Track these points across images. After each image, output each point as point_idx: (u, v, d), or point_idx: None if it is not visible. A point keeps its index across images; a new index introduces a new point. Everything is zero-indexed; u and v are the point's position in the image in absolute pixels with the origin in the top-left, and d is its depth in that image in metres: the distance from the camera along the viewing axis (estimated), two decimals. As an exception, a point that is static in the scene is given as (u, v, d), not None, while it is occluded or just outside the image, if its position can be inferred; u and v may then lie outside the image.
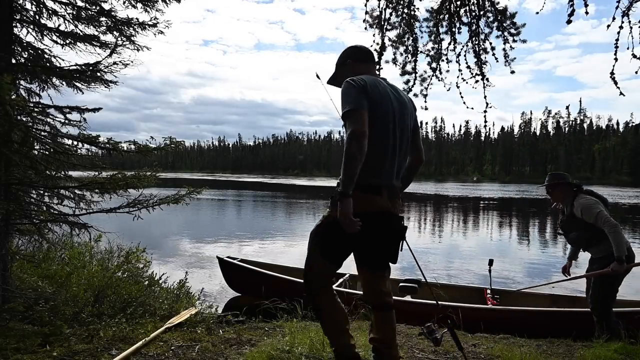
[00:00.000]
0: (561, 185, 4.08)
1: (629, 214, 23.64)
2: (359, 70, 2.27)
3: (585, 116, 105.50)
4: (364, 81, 2.10)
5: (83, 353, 2.71)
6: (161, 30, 4.19)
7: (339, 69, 2.40)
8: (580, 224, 3.89)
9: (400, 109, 2.19)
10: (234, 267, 6.20)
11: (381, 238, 2.16)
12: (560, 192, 4.08)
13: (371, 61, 2.39)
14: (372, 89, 2.09)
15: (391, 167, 2.17)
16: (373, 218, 2.08)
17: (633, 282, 8.48)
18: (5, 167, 3.48)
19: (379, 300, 2.23)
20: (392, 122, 2.14)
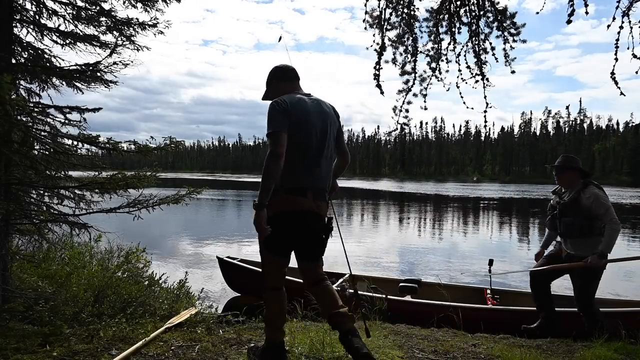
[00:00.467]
0: (573, 170, 4.02)
1: (630, 213, 23.64)
2: (283, 89, 2.60)
3: (585, 116, 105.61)
4: (286, 102, 2.42)
5: (83, 353, 2.71)
6: (161, 31, 4.19)
7: (268, 87, 2.73)
8: (582, 211, 3.85)
9: (322, 120, 2.51)
10: (234, 267, 6.20)
11: (306, 234, 2.49)
12: (570, 177, 4.02)
13: (294, 79, 2.66)
14: (294, 106, 2.42)
15: (316, 171, 2.47)
16: (298, 216, 2.42)
17: (633, 282, 8.49)
18: (5, 167, 3.48)
19: (311, 280, 2.59)
20: (315, 132, 2.46)
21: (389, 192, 42.23)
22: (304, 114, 2.45)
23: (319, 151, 2.49)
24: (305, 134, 2.43)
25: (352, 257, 9.99)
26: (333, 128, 2.60)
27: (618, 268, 9.85)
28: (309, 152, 2.46)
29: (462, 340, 3.55)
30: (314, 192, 2.46)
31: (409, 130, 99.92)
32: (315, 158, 2.48)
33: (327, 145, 2.54)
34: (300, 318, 3.56)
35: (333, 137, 2.60)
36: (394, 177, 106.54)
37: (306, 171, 2.45)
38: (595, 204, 3.78)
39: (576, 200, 3.90)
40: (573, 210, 3.92)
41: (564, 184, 4.10)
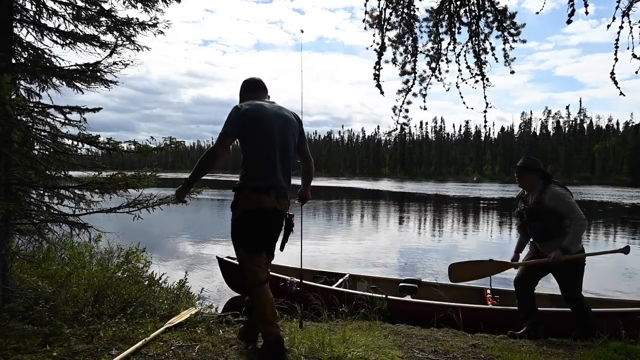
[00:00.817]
0: (534, 172, 4.00)
1: (630, 214, 23.64)
2: (249, 99, 2.81)
3: (585, 116, 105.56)
4: (246, 108, 2.64)
5: (83, 353, 2.71)
6: (161, 30, 4.19)
7: (239, 100, 2.94)
8: (548, 213, 3.83)
9: (282, 123, 2.70)
10: (234, 267, 6.19)
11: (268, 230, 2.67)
12: (531, 179, 4.00)
13: (258, 89, 2.90)
14: (254, 112, 2.63)
15: (277, 172, 2.65)
16: (261, 213, 2.60)
17: (633, 282, 8.49)
18: (5, 167, 3.48)
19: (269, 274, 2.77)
20: (275, 136, 2.65)
21: (388, 192, 42.24)
22: (264, 118, 2.64)
23: (280, 152, 2.67)
24: (266, 136, 2.63)
25: (352, 257, 10.03)
26: (294, 132, 2.78)
27: (618, 268, 9.86)
28: (270, 153, 2.64)
29: (462, 340, 3.55)
30: (276, 190, 2.63)
31: (409, 130, 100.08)
32: (276, 159, 2.65)
33: (288, 147, 2.72)
34: (300, 318, 3.56)
35: (294, 140, 2.78)
36: (394, 177, 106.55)
37: (269, 171, 2.63)
38: (559, 202, 3.78)
39: (540, 203, 3.88)
40: (539, 213, 3.90)
41: (525, 185, 4.07)
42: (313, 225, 16.33)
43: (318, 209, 23.53)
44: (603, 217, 21.55)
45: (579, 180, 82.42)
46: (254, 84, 2.92)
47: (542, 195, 3.88)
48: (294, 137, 2.78)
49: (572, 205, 3.76)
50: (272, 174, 2.64)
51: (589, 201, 32.52)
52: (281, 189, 2.67)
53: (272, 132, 2.65)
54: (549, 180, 3.95)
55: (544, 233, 3.91)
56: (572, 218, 3.74)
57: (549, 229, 3.86)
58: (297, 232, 2.89)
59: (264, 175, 2.62)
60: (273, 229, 2.72)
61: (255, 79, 2.95)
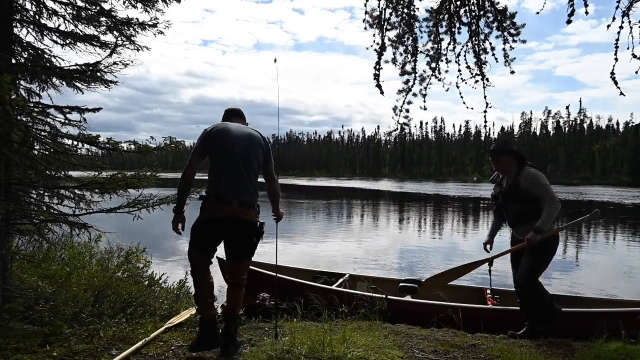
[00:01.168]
0: (508, 154, 3.93)
1: (630, 214, 23.64)
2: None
3: (585, 116, 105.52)
4: (211, 128, 2.96)
5: (83, 353, 2.71)
6: (161, 31, 4.19)
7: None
8: (524, 195, 3.76)
9: (246, 142, 2.95)
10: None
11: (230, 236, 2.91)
12: (505, 161, 3.93)
13: (232, 116, 3.20)
14: (218, 131, 2.94)
15: (240, 184, 2.88)
16: (223, 222, 2.85)
17: (633, 282, 8.49)
18: (5, 167, 3.48)
19: (231, 279, 3.00)
20: (238, 154, 2.89)
21: (388, 192, 42.23)
22: (226, 135, 2.93)
23: (243, 165, 2.91)
24: (229, 154, 2.89)
25: (352, 257, 10.03)
26: (257, 149, 3.01)
27: (618, 268, 9.87)
28: (232, 168, 2.89)
29: (462, 340, 3.55)
30: (239, 200, 2.86)
31: (409, 130, 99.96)
32: (240, 173, 2.90)
33: (250, 160, 2.95)
34: (300, 318, 3.56)
35: (256, 156, 3.00)
36: (394, 177, 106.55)
37: (231, 183, 2.87)
38: (534, 183, 3.72)
39: (515, 185, 3.81)
40: (514, 196, 3.83)
41: (500, 169, 4.00)
42: (313, 225, 16.33)
43: (318, 209, 23.53)
44: (603, 217, 21.55)
45: (579, 180, 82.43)
46: (229, 112, 3.24)
47: (518, 177, 3.81)
48: (256, 154, 2.99)
49: (546, 186, 3.71)
50: (234, 187, 2.87)
51: (589, 201, 32.52)
52: (244, 198, 2.88)
53: (234, 147, 2.90)
54: (524, 163, 3.90)
55: (520, 216, 3.83)
56: (546, 200, 3.68)
57: (525, 211, 3.78)
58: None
59: (226, 187, 2.86)
60: (234, 236, 2.90)
61: (231, 109, 3.25)
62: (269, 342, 2.96)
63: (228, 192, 2.86)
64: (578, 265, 10.19)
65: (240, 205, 2.85)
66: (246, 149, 2.94)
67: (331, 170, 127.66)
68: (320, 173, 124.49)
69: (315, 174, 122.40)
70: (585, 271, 9.55)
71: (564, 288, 7.66)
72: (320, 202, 28.36)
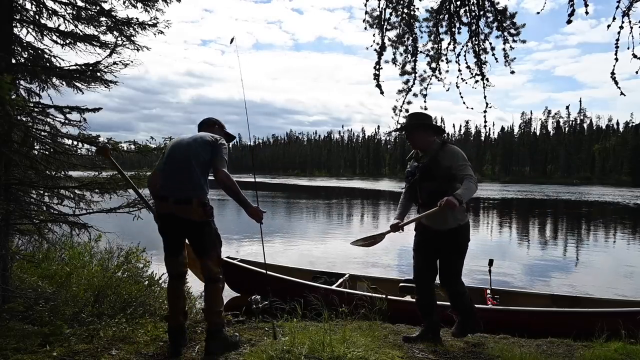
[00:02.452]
0: (425, 128, 3.52)
1: (630, 213, 23.64)
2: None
3: (585, 116, 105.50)
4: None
5: (83, 353, 2.71)
6: (161, 30, 4.19)
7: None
8: (442, 174, 3.39)
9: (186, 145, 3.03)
10: (234, 267, 6.19)
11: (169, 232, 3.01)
12: (423, 136, 3.50)
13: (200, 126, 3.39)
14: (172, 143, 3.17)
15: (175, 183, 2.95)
16: (162, 218, 3.00)
17: (633, 282, 8.49)
18: (5, 167, 3.48)
19: (205, 275, 3.02)
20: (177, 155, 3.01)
21: (389, 192, 42.23)
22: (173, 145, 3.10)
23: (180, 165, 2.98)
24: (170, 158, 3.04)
25: (353, 257, 10.02)
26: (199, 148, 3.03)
27: (618, 268, 9.87)
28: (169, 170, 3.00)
29: (462, 340, 3.55)
30: (175, 198, 2.92)
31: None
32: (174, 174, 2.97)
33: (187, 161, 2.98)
34: (300, 318, 3.56)
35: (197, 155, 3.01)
36: (394, 177, 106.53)
37: (167, 183, 2.98)
38: (454, 161, 3.35)
39: (435, 161, 3.43)
40: (433, 173, 3.44)
41: (418, 145, 3.55)
42: (313, 225, 16.33)
43: (318, 208, 23.54)
44: (603, 217, 21.56)
45: (579, 180, 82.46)
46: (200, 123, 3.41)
47: (439, 152, 3.45)
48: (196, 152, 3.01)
49: (467, 166, 3.36)
50: (169, 186, 2.96)
51: (589, 201, 32.52)
52: (181, 196, 2.91)
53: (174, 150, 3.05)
54: (446, 141, 3.57)
55: (435, 195, 3.32)
56: (467, 175, 3.31)
57: (441, 192, 3.29)
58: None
59: (163, 187, 2.98)
60: (179, 232, 3.00)
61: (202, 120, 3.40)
62: (269, 342, 2.96)
63: (164, 191, 2.96)
64: (578, 265, 10.19)
65: (176, 202, 2.91)
66: (185, 148, 3.02)
67: (331, 170, 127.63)
68: (320, 173, 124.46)
69: (315, 174, 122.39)
70: (585, 271, 9.55)
71: (564, 288, 7.66)
72: (320, 202, 28.37)
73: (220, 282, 3.01)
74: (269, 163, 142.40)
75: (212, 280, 2.97)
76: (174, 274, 3.03)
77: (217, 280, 2.99)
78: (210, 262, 2.98)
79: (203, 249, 2.97)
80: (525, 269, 9.34)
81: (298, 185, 55.69)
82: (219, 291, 3.00)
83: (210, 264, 2.97)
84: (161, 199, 2.97)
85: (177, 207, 2.89)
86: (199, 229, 2.94)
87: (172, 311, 3.01)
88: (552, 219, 21.42)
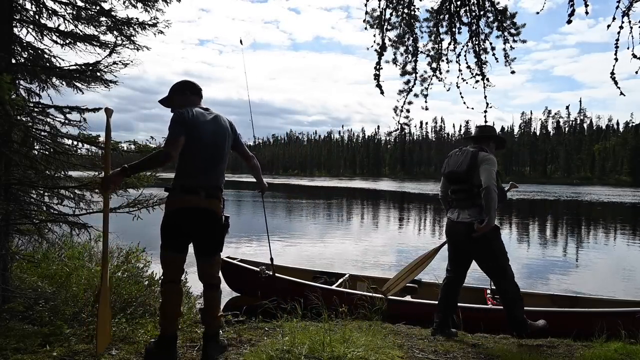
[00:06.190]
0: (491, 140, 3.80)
1: (630, 213, 23.63)
2: (192, 101, 2.88)
3: (585, 116, 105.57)
4: (187, 112, 2.70)
5: (83, 353, 2.71)
6: (161, 30, 4.19)
7: (175, 95, 2.93)
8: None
9: (215, 131, 2.79)
10: (234, 267, 6.20)
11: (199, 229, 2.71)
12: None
13: (198, 94, 2.96)
14: (193, 118, 2.69)
15: (209, 173, 2.74)
16: (191, 213, 2.67)
17: (633, 282, 8.49)
18: (5, 167, 3.48)
19: (207, 281, 2.82)
20: (208, 141, 2.73)
21: (389, 192, 42.23)
22: (201, 125, 2.72)
23: (213, 157, 2.77)
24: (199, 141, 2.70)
25: (352, 257, 10.02)
26: (229, 139, 2.90)
27: (617, 268, 9.86)
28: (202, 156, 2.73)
29: (462, 340, 3.55)
30: (206, 191, 2.70)
31: (409, 130, 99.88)
32: (207, 163, 2.74)
33: (220, 152, 2.81)
34: (300, 318, 3.56)
35: (228, 146, 2.89)
36: (394, 177, 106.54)
37: (199, 172, 2.71)
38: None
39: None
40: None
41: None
42: (313, 225, 16.33)
43: (318, 208, 23.53)
44: (603, 217, 21.56)
45: (579, 180, 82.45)
46: (196, 88, 2.96)
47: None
48: (228, 144, 2.88)
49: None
50: (202, 176, 2.72)
51: (589, 201, 32.52)
52: (213, 189, 2.74)
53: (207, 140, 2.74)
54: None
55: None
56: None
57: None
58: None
59: (194, 175, 2.70)
60: (202, 229, 2.73)
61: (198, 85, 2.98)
62: (269, 342, 2.96)
63: (195, 181, 2.70)
64: (578, 265, 10.19)
65: (207, 196, 2.69)
66: (216, 140, 2.79)
67: (331, 170, 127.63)
68: (320, 173, 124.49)
69: (315, 174, 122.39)
70: (585, 271, 9.55)
71: (564, 288, 7.66)
72: (320, 202, 28.36)
73: (220, 286, 2.89)
74: (269, 163, 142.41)
75: (216, 286, 2.84)
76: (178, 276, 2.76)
77: (219, 285, 2.88)
78: (218, 264, 2.86)
79: (217, 248, 2.81)
80: (525, 269, 9.33)
81: (298, 185, 55.68)
82: (220, 295, 2.90)
83: (217, 266, 2.86)
84: (192, 191, 2.67)
85: (209, 200, 2.70)
86: (219, 225, 2.77)
87: (170, 319, 2.71)
88: (552, 219, 21.41)
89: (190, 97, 2.90)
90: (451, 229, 3.75)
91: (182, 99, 2.89)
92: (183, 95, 2.90)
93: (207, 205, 2.70)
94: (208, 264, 2.81)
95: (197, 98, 2.93)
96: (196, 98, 2.93)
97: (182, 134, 2.64)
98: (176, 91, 2.93)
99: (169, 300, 2.72)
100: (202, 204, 2.68)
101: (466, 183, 3.60)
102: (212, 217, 2.73)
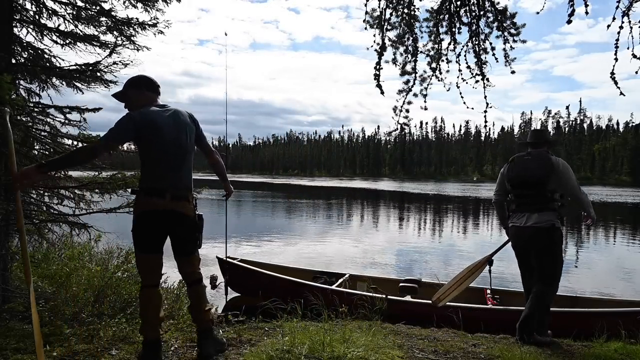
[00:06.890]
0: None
1: (630, 213, 23.63)
2: (147, 97, 2.76)
3: (585, 116, 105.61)
4: (139, 115, 2.61)
5: (83, 353, 2.71)
6: (161, 30, 4.19)
7: (130, 90, 2.79)
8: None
9: (176, 128, 2.69)
10: (234, 267, 6.20)
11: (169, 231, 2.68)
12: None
13: (155, 92, 2.82)
14: (148, 120, 2.60)
15: (173, 173, 2.66)
16: (158, 215, 2.61)
17: (633, 282, 8.49)
18: (5, 167, 3.48)
19: (188, 279, 2.82)
20: (170, 141, 2.64)
21: (389, 192, 42.24)
22: (161, 125, 2.63)
23: (176, 158, 2.68)
24: (160, 142, 2.62)
25: (352, 257, 10.02)
26: (190, 135, 2.78)
27: (618, 268, 9.86)
28: (165, 159, 2.64)
29: (462, 340, 3.55)
30: (172, 192, 2.63)
31: (409, 130, 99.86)
32: (172, 164, 2.66)
33: (183, 151, 2.72)
34: (300, 318, 3.56)
35: (191, 142, 2.79)
36: (394, 177, 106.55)
37: (163, 173, 2.64)
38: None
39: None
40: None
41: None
42: (313, 225, 16.33)
43: (318, 208, 23.53)
44: (603, 217, 21.55)
45: (579, 180, 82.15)
46: (154, 85, 2.82)
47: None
48: (188, 140, 2.76)
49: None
50: (166, 176, 2.64)
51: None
52: (179, 190, 2.67)
53: (167, 140, 2.64)
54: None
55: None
56: None
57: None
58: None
59: (158, 178, 2.63)
60: (171, 230, 2.69)
61: (155, 81, 2.85)
62: (269, 342, 2.96)
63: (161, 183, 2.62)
64: (578, 266, 10.19)
65: (173, 198, 2.62)
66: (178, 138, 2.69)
67: (331, 171, 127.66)
68: (320, 173, 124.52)
69: (315, 174, 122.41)
70: (585, 271, 9.55)
71: (564, 288, 7.65)
72: (320, 202, 28.36)
73: (202, 280, 2.86)
74: (269, 163, 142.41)
75: (199, 281, 2.82)
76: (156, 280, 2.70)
77: (202, 279, 2.85)
78: (197, 261, 2.83)
79: (192, 247, 2.78)
80: (525, 269, 9.33)
81: (298, 185, 55.69)
82: (205, 289, 2.86)
83: (197, 263, 2.83)
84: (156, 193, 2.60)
85: (175, 202, 2.63)
86: (189, 225, 2.73)
87: (152, 324, 2.64)
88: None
89: (146, 93, 2.77)
90: (519, 234, 3.79)
91: (136, 93, 2.76)
92: (138, 90, 2.76)
93: (173, 207, 2.63)
94: (186, 262, 2.79)
95: (153, 95, 2.80)
96: (153, 95, 2.79)
97: (123, 139, 2.65)
98: (131, 85, 2.79)
99: (148, 306, 2.66)
100: (168, 206, 2.62)
101: (540, 187, 3.69)
102: (179, 218, 2.67)
